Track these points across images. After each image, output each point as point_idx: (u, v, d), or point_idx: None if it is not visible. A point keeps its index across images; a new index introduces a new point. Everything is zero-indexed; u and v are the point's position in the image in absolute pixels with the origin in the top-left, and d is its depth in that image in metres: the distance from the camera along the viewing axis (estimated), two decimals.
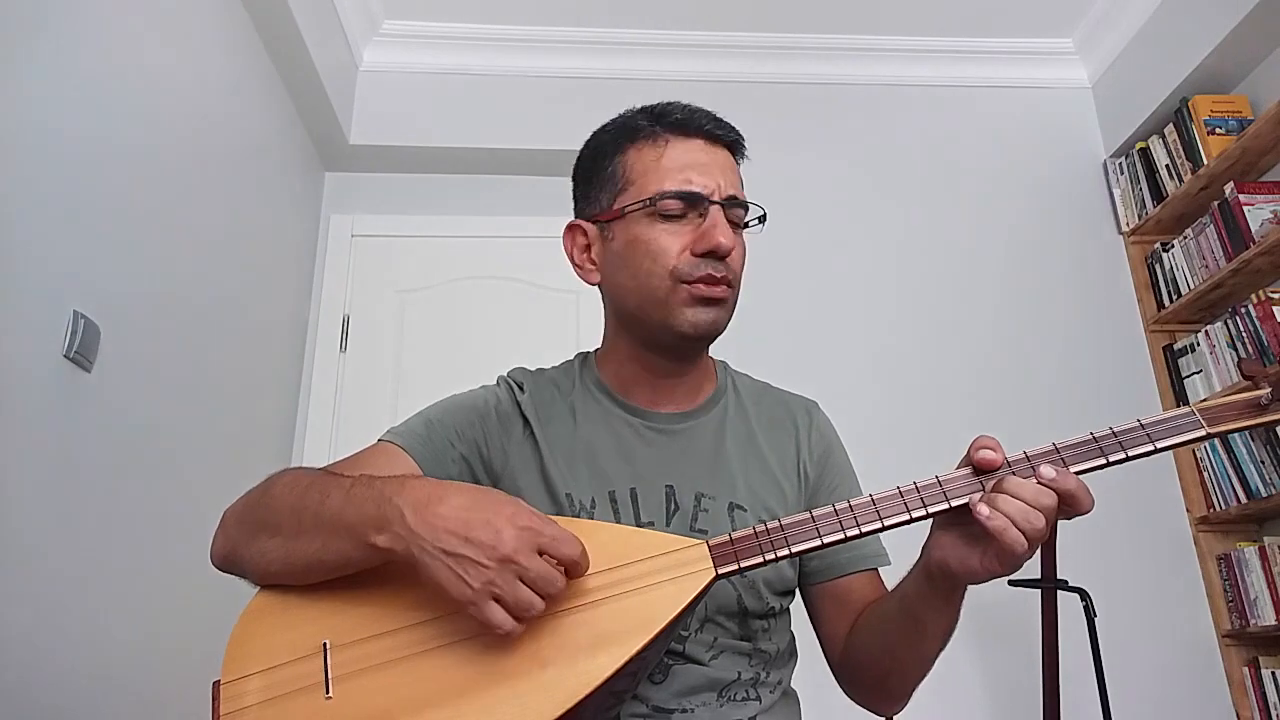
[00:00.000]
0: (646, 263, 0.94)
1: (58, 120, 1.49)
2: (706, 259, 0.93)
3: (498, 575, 0.70)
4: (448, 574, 0.71)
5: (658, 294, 0.94)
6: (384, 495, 0.76)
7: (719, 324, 0.96)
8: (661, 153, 0.97)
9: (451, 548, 0.71)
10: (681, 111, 0.99)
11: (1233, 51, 2.54)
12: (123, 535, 1.68)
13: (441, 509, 0.73)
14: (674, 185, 0.94)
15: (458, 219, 2.92)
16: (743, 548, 0.79)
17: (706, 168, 0.96)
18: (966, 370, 2.70)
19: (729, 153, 1.00)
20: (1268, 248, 2.32)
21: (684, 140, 0.97)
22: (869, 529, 0.78)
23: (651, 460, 0.97)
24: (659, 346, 0.99)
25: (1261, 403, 0.77)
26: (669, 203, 0.94)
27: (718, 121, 1.00)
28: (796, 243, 2.81)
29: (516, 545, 0.71)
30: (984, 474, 0.78)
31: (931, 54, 3.06)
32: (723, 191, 0.95)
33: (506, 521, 0.72)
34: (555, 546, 0.73)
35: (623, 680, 0.76)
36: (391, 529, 0.74)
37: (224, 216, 2.18)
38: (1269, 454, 2.36)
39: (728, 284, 0.95)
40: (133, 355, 1.72)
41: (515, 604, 0.71)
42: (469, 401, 1.02)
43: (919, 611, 0.84)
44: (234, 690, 0.76)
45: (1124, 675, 2.12)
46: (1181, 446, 0.79)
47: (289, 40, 2.40)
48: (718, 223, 0.93)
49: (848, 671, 0.98)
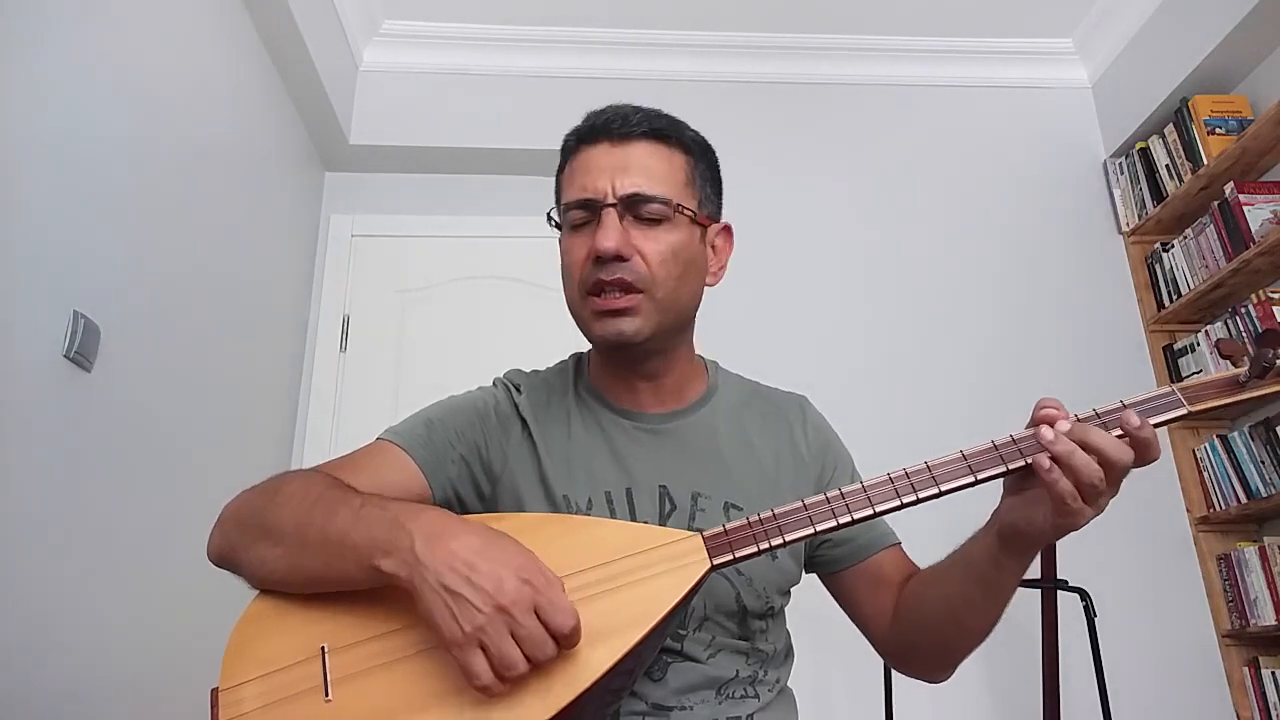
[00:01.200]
0: (565, 275, 0.97)
1: (58, 120, 1.49)
2: (599, 264, 0.91)
3: (489, 624, 0.69)
4: (443, 611, 0.70)
5: (575, 306, 0.96)
6: (397, 520, 0.75)
7: (627, 333, 0.92)
8: (572, 165, 0.98)
9: (453, 585, 0.70)
10: (592, 118, 0.98)
11: (1233, 51, 2.54)
12: (123, 535, 1.68)
13: (453, 544, 0.72)
14: (572, 195, 0.95)
15: (458, 219, 2.93)
16: (737, 538, 0.79)
17: (602, 170, 0.94)
18: (966, 370, 2.70)
19: (650, 143, 0.96)
20: (1268, 248, 2.32)
21: (589, 148, 0.96)
22: (860, 515, 0.79)
23: (644, 461, 0.97)
24: (605, 356, 1.00)
25: (1240, 380, 0.80)
26: (572, 213, 0.95)
27: (626, 118, 0.96)
28: (796, 242, 2.81)
29: (515, 598, 0.69)
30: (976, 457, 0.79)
31: (931, 54, 3.05)
32: (618, 191, 0.92)
33: (512, 572, 0.71)
34: (549, 612, 0.70)
35: (620, 677, 0.76)
36: (399, 555, 0.73)
37: (224, 216, 2.18)
38: (1269, 454, 2.36)
39: (631, 289, 0.91)
40: (133, 355, 1.72)
41: (499, 658, 0.69)
42: (468, 403, 1.02)
43: (989, 574, 0.84)
44: (232, 696, 0.76)
45: (1124, 675, 2.12)
46: (1164, 425, 0.79)
47: (289, 40, 2.40)
48: (603, 224, 0.91)
49: (901, 644, 0.97)
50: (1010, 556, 0.82)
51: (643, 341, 0.93)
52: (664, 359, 1.00)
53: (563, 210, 0.97)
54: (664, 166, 0.95)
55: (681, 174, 0.97)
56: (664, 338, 0.96)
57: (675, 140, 0.98)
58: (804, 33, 3.00)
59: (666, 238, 0.93)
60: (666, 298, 0.93)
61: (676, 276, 0.94)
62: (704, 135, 1.03)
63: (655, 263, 0.92)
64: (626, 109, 0.97)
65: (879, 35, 3.02)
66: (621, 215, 0.92)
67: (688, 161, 0.98)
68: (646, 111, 0.98)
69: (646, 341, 0.93)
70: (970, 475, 0.78)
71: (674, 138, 0.98)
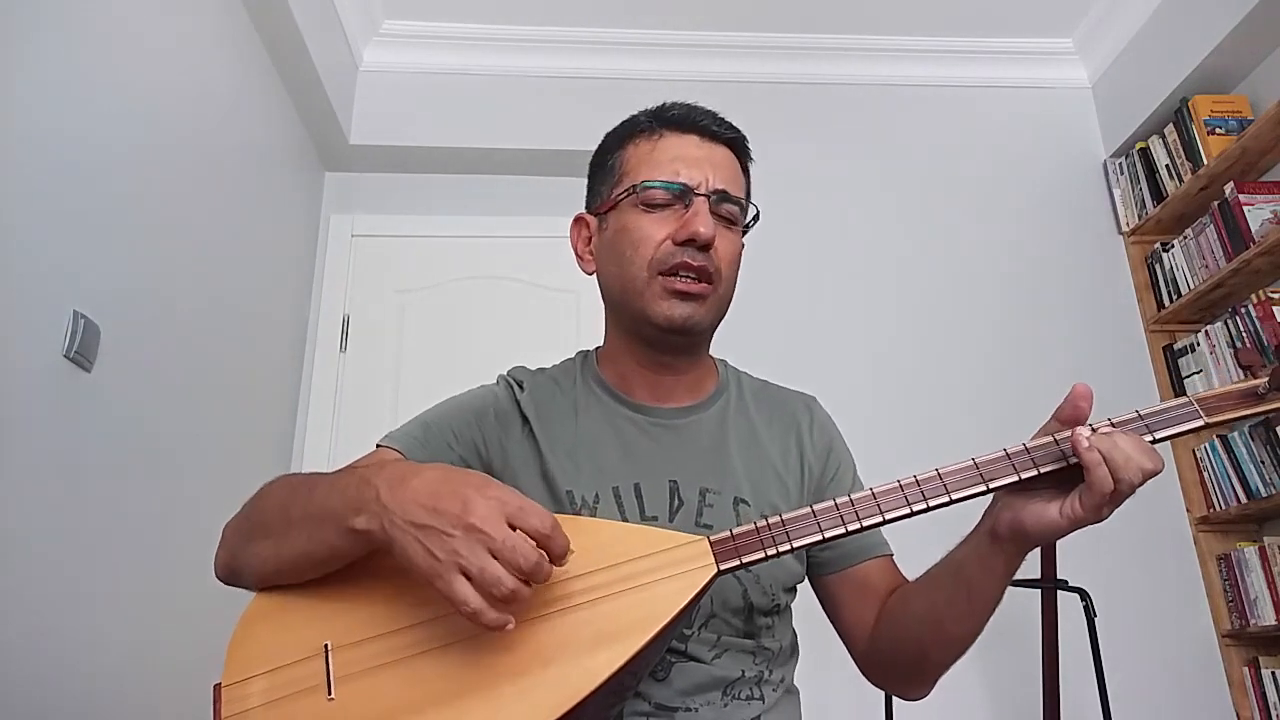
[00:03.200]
0: (629, 250, 0.96)
1: (58, 121, 1.49)
2: (685, 247, 0.93)
3: (462, 544, 0.68)
4: (415, 547, 0.70)
5: (637, 283, 0.95)
6: (364, 478, 0.76)
7: (693, 319, 0.94)
8: (655, 146, 0.99)
9: (419, 519, 0.70)
10: (681, 109, 1.01)
11: (1233, 51, 2.54)
12: (123, 535, 1.68)
13: (414, 482, 0.73)
14: (662, 175, 0.96)
15: (458, 219, 2.92)
16: (744, 543, 0.79)
17: (697, 161, 0.96)
18: (966, 370, 2.70)
19: (729, 150, 1.00)
20: (1268, 248, 2.32)
21: (678, 135, 0.99)
22: (869, 523, 0.78)
23: (654, 455, 0.97)
24: (644, 339, 0.99)
25: (1259, 392, 0.78)
26: (654, 192, 0.95)
27: (717, 119, 1.00)
28: (797, 243, 2.81)
29: (484, 513, 0.69)
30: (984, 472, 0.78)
31: (931, 54, 3.06)
32: (711, 185, 0.95)
33: (474, 491, 0.71)
34: (523, 517, 0.70)
35: (625, 678, 0.76)
36: (369, 508, 0.73)
37: (224, 216, 2.18)
38: (1269, 454, 2.36)
39: (707, 278, 0.94)
40: (133, 355, 1.71)
41: (481, 576, 0.67)
42: (466, 402, 1.02)
43: (977, 578, 0.84)
44: (236, 693, 0.76)
45: (1124, 675, 2.12)
46: (1180, 437, 0.78)
47: (289, 40, 2.40)
48: (700, 212, 0.93)
49: (880, 654, 0.96)
50: (1001, 558, 0.82)
51: (700, 331, 0.97)
52: (695, 354, 1.03)
53: (643, 186, 0.96)
54: (738, 176, 1.01)
55: (745, 188, 1.02)
56: (710, 332, 1.01)
57: (747, 156, 1.03)
58: (804, 33, 3.00)
59: (735, 241, 0.99)
60: (725, 295, 0.98)
61: (733, 278, 0.99)
62: None
63: (726, 261, 0.96)
64: (711, 111, 1.01)
65: (879, 35, 3.02)
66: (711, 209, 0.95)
67: (748, 179, 1.04)
68: (728, 120, 1.02)
69: (702, 333, 0.97)
70: (982, 483, 0.78)
71: (746, 153, 1.03)
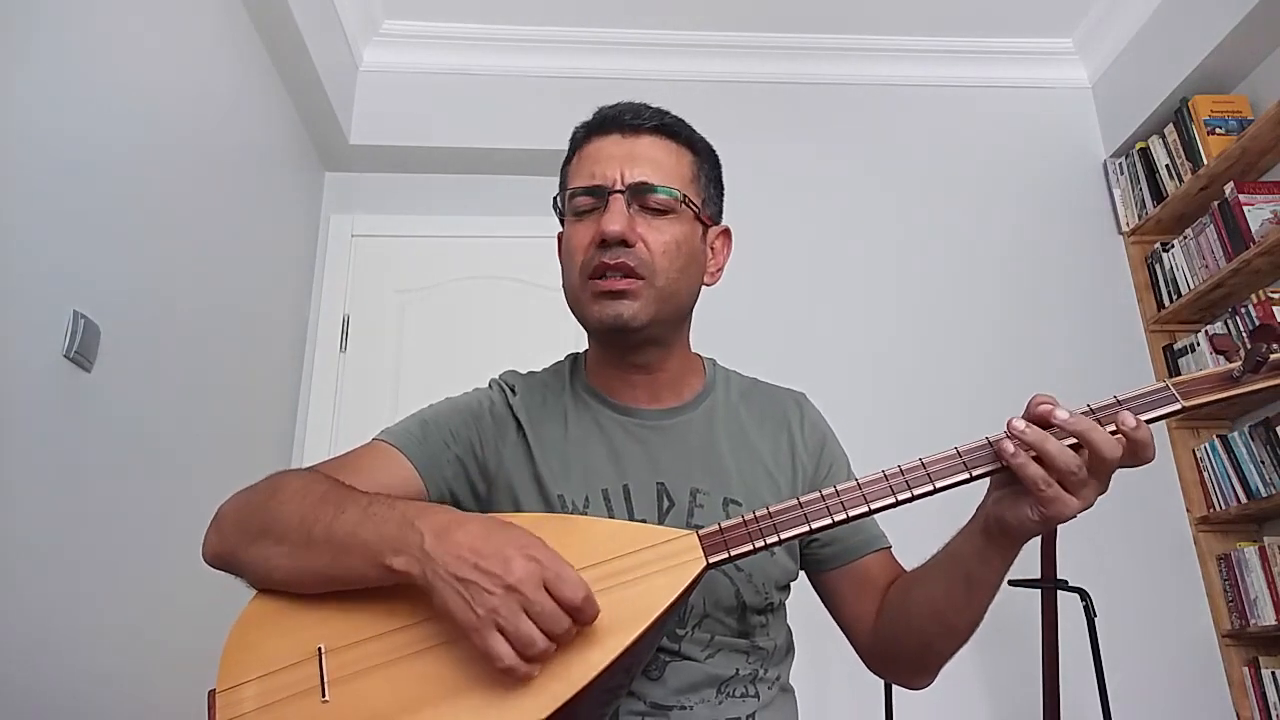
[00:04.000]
0: (566, 260, 0.98)
1: (58, 121, 1.49)
2: (603, 248, 0.93)
3: (502, 604, 0.70)
4: (456, 600, 0.71)
5: (574, 291, 0.97)
6: (405, 518, 0.76)
7: (625, 316, 0.92)
8: (580, 154, 1.00)
9: (462, 573, 0.71)
10: (607, 110, 1.00)
11: (1233, 51, 2.54)
12: (123, 535, 1.68)
13: (458, 535, 0.73)
14: (580, 181, 0.97)
15: (457, 219, 2.93)
16: (732, 536, 0.79)
17: (612, 159, 0.96)
18: (966, 370, 2.69)
19: (658, 138, 0.98)
20: (1268, 248, 2.32)
21: (599, 138, 0.99)
22: (855, 513, 0.79)
23: (642, 458, 0.97)
24: (601, 344, 1.01)
25: (1233, 375, 0.80)
26: (578, 199, 0.97)
27: (639, 111, 0.99)
28: (796, 242, 2.81)
29: (523, 575, 0.70)
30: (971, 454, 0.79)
31: (931, 54, 3.05)
32: (627, 180, 0.94)
33: (517, 551, 0.72)
34: (558, 585, 0.71)
35: (617, 675, 0.76)
36: (410, 552, 0.74)
37: (224, 216, 2.18)
38: (1269, 454, 2.36)
39: (631, 274, 0.92)
40: (133, 355, 1.72)
41: (517, 636, 0.70)
42: (464, 404, 1.02)
43: (973, 569, 0.84)
44: (230, 698, 0.76)
45: (1124, 675, 2.12)
46: (1159, 420, 0.79)
47: (289, 40, 2.40)
48: (610, 209, 0.93)
49: (883, 647, 0.96)
50: (996, 552, 0.83)
51: (640, 328, 0.93)
52: (660, 351, 1.00)
53: (568, 196, 0.97)
54: (671, 161, 0.98)
55: (688, 170, 0.99)
56: (661, 327, 0.97)
57: (684, 138, 1.00)
58: (804, 33, 3.00)
59: (670, 229, 0.95)
60: (666, 287, 0.94)
61: (678, 268, 0.95)
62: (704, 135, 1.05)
63: (658, 252, 0.94)
64: (638, 104, 1.00)
65: (879, 35, 3.02)
66: (629, 203, 0.94)
67: (694, 160, 1.01)
68: (657, 109, 1.00)
69: (644, 328, 0.94)
70: (965, 471, 0.79)
71: (682, 135, 1.00)
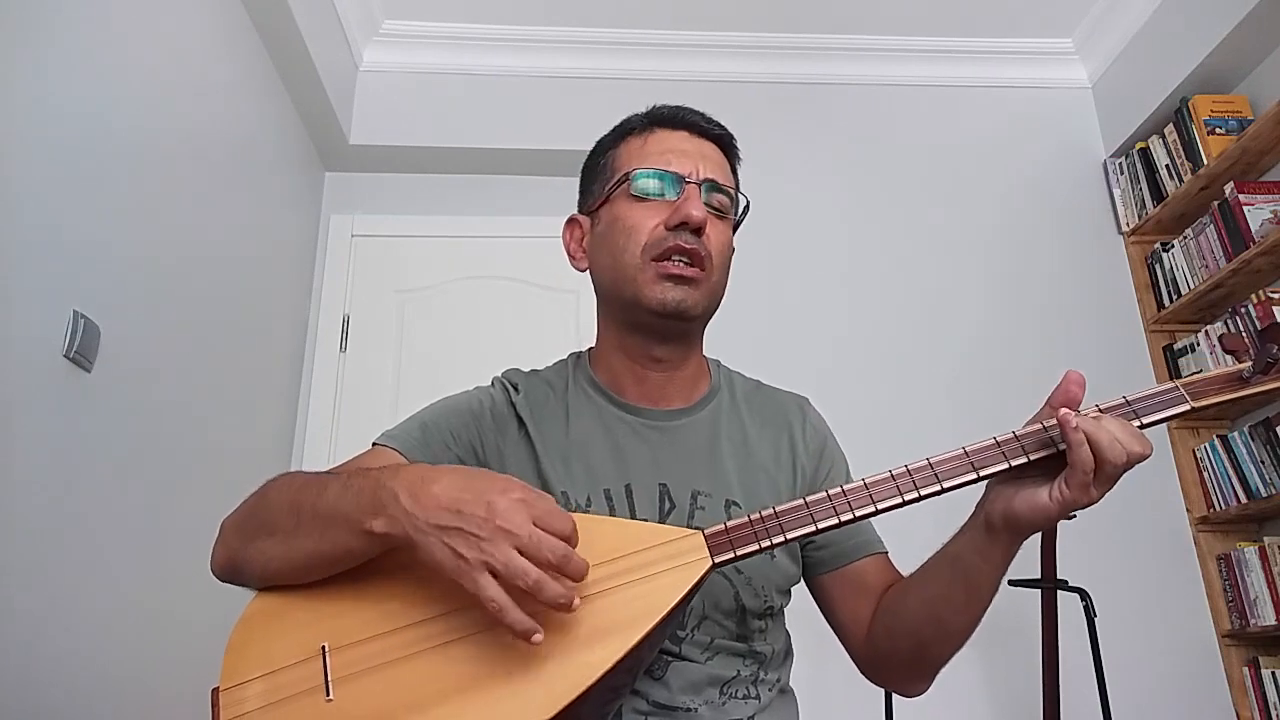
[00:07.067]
0: (622, 239, 0.97)
1: (57, 120, 1.49)
2: (677, 231, 0.94)
3: (489, 544, 0.69)
4: (442, 549, 0.71)
5: (629, 270, 0.96)
6: (379, 481, 0.76)
7: (687, 303, 0.94)
8: (646, 140, 1.01)
9: (444, 522, 0.71)
10: (671, 108, 1.04)
11: (1233, 51, 2.54)
12: (123, 535, 1.68)
13: (435, 488, 0.73)
14: (653, 165, 0.98)
15: (458, 219, 2.92)
16: (738, 536, 0.79)
17: (687, 154, 0.99)
18: (965, 370, 2.70)
19: (717, 147, 1.03)
20: (1268, 248, 2.32)
21: (669, 131, 1.02)
22: (862, 513, 0.79)
23: (646, 458, 0.97)
24: (637, 329, 0.99)
25: (1243, 375, 0.79)
26: (646, 181, 0.97)
27: (706, 118, 1.03)
28: (795, 242, 2.81)
29: (508, 513, 0.70)
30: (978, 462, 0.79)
31: (931, 54, 3.06)
32: (701, 175, 0.97)
33: (499, 493, 0.72)
34: (547, 520, 0.72)
35: (621, 675, 0.76)
36: (387, 512, 0.74)
37: (224, 216, 2.18)
38: (1269, 454, 2.36)
39: (700, 263, 0.94)
40: (133, 355, 1.71)
41: (507, 569, 0.69)
42: (463, 403, 1.02)
43: (974, 568, 0.84)
44: (233, 696, 0.76)
45: (1124, 675, 2.12)
46: (1167, 421, 0.79)
47: (289, 40, 2.40)
48: (691, 197, 0.95)
49: (878, 651, 0.96)
50: (998, 547, 0.82)
51: (695, 318, 0.96)
52: (686, 347, 1.02)
53: (634, 176, 0.98)
54: (726, 171, 1.03)
55: (735, 184, 1.04)
56: (701, 323, 1.01)
57: (735, 157, 1.06)
58: (804, 33, 3.00)
59: (726, 231, 1.00)
60: (717, 284, 0.98)
61: (725, 269, 1.00)
62: None
63: (717, 249, 0.97)
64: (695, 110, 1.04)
65: (879, 35, 3.02)
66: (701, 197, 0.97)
67: (737, 179, 1.06)
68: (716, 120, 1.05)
69: (696, 319, 0.97)
70: (972, 471, 0.78)
71: (735, 154, 1.06)
